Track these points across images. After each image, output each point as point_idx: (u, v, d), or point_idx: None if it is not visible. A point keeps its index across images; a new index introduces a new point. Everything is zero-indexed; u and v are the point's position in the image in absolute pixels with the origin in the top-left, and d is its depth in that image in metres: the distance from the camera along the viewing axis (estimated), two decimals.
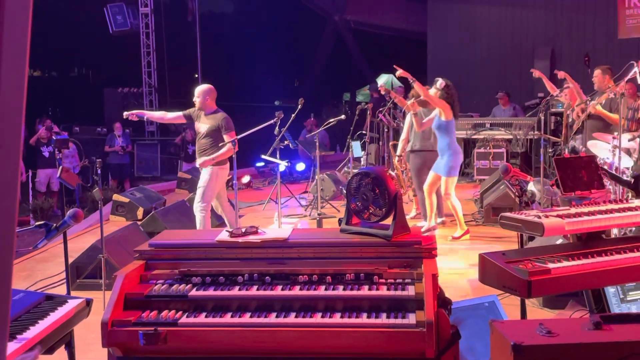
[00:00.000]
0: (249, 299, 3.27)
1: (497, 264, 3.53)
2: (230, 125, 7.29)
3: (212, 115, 7.32)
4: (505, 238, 7.81)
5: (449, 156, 7.81)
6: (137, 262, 3.52)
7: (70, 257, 6.17)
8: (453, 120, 7.85)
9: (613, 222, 4.03)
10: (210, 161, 7.25)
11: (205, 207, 7.31)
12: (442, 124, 7.82)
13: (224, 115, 7.32)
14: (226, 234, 3.65)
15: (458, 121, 13.97)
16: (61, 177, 5.05)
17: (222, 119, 7.28)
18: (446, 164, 7.82)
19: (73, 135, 15.30)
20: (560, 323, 2.31)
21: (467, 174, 14.09)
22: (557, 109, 12.46)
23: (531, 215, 3.84)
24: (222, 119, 7.28)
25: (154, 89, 19.34)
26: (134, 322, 3.14)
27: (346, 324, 3.09)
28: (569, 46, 15.93)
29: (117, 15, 18.92)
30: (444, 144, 7.85)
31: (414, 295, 3.18)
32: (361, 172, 3.68)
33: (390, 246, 3.46)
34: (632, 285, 4.43)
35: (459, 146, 8.01)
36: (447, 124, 7.80)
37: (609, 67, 8.36)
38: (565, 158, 5.34)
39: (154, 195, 11.16)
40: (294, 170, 14.52)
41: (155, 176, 17.36)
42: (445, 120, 7.78)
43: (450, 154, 7.81)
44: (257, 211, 10.76)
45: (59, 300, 3.33)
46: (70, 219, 3.46)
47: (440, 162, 7.90)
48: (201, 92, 7.38)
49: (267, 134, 8.56)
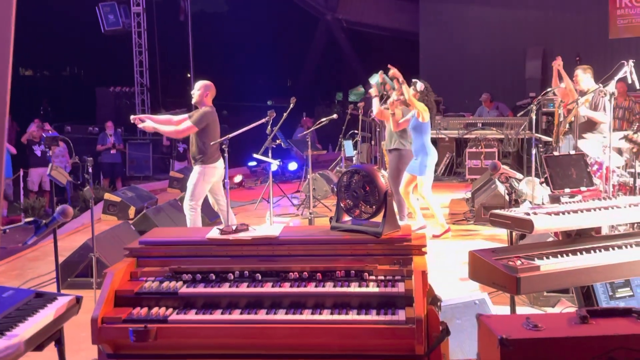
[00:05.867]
0: (239, 296, 3.28)
1: (487, 261, 3.55)
2: (201, 119, 7.12)
3: (199, 110, 7.25)
4: (497, 236, 7.85)
5: (424, 156, 7.92)
6: (128, 260, 3.52)
7: (61, 256, 6.16)
8: (429, 121, 7.97)
9: (601, 219, 4.06)
10: (151, 128, 7.27)
11: (194, 206, 7.27)
12: (418, 125, 7.91)
13: (206, 109, 7.23)
14: (217, 231, 3.66)
15: (450, 120, 14.19)
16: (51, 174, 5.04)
17: (200, 110, 7.21)
18: (421, 164, 7.93)
19: (65, 135, 15.25)
20: (547, 317, 2.32)
21: (458, 173, 14.13)
22: (549, 109, 12.51)
23: (520, 213, 3.87)
24: (200, 110, 7.23)
25: (146, 88, 19.30)
26: (124, 319, 3.14)
27: (336, 320, 3.10)
28: (561, 46, 15.95)
29: (109, 15, 18.88)
30: (419, 144, 7.96)
31: (404, 292, 3.19)
32: (351, 169, 3.68)
33: (380, 243, 3.47)
34: (621, 282, 4.46)
35: (432, 146, 8.10)
36: (423, 125, 7.90)
37: (589, 67, 8.39)
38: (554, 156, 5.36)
39: (145, 194, 11.14)
40: (286, 170, 14.52)
41: (147, 175, 17.33)
42: (422, 121, 7.85)
43: (425, 154, 7.93)
44: (249, 210, 10.75)
45: (49, 298, 3.32)
46: (60, 215, 3.46)
47: (415, 162, 8.02)
48: (202, 85, 7.29)
49: (259, 134, 8.55)
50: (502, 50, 16.93)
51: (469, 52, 17.42)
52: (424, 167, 7.91)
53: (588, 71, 8.29)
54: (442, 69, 17.45)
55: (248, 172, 15.49)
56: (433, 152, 8.03)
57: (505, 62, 16.83)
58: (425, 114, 7.85)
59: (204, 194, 7.34)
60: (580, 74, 8.29)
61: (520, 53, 16.33)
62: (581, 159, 5.50)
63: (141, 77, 19.37)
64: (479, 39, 17.42)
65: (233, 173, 13.76)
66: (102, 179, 15.47)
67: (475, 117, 14.73)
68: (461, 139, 13.93)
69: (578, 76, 8.30)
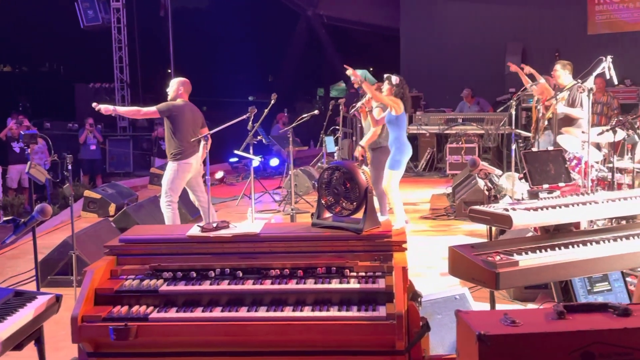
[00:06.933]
0: (220, 293, 3.28)
1: (466, 257, 3.58)
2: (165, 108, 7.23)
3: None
4: (478, 232, 7.89)
5: (395, 149, 7.88)
6: (108, 258, 3.50)
7: (41, 253, 6.13)
8: (403, 114, 7.91)
9: (579, 215, 4.10)
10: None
11: (170, 202, 7.26)
12: (392, 119, 7.89)
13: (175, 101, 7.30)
14: (197, 228, 3.65)
15: (431, 116, 14.25)
16: (29, 172, 5.01)
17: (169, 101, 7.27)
18: (392, 157, 7.89)
19: (44, 131, 15.10)
20: (524, 313, 2.34)
21: (439, 168, 14.20)
22: (528, 104, 12.60)
23: (499, 209, 3.90)
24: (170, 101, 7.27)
25: (126, 84, 19.17)
26: (104, 317, 3.13)
27: (316, 317, 3.11)
28: (540, 42, 16.08)
29: (88, 10, 18.71)
30: (392, 138, 7.94)
31: (384, 288, 3.21)
32: (332, 166, 3.68)
33: (361, 240, 3.48)
34: (599, 277, 4.51)
35: (407, 142, 8.01)
36: (396, 119, 7.87)
37: (569, 63, 8.45)
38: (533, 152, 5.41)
39: (126, 191, 11.08)
40: (268, 166, 14.50)
41: (128, 172, 17.22)
42: (395, 114, 7.84)
43: (397, 148, 7.88)
44: (231, 207, 10.74)
45: (28, 296, 3.30)
46: (38, 214, 3.44)
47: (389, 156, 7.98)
48: (176, 81, 7.39)
49: (240, 130, 8.52)
50: (482, 46, 17.00)
51: (449, 47, 17.47)
52: (393, 160, 7.86)
53: (567, 67, 8.35)
54: (423, 64, 17.49)
55: (229, 169, 15.46)
56: (406, 148, 7.94)
57: (486, 57, 16.89)
58: (397, 107, 7.79)
59: (180, 190, 7.35)
60: (559, 69, 8.34)
61: (500, 49, 16.40)
62: (559, 155, 5.55)
63: (121, 73, 19.24)
64: (459, 34, 17.48)
65: (214, 169, 13.73)
66: (81, 175, 15.35)
67: (456, 112, 14.82)
68: (442, 135, 14.00)
69: (557, 71, 8.36)
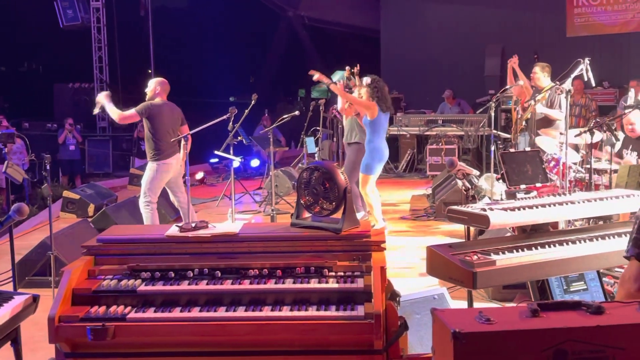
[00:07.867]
0: (198, 293, 3.27)
1: (444, 256, 3.61)
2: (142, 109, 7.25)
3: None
4: (457, 232, 7.94)
5: (368, 153, 7.74)
6: (85, 258, 3.48)
7: (19, 254, 6.09)
8: (379, 118, 7.72)
9: (556, 215, 4.15)
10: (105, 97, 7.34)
11: (148, 203, 7.25)
12: (366, 122, 7.80)
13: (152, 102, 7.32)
14: (176, 228, 3.64)
15: (411, 117, 14.31)
16: (6, 171, 4.97)
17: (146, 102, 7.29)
18: (364, 160, 7.77)
19: (22, 131, 14.98)
20: (499, 311, 2.37)
21: (419, 169, 14.27)
22: (507, 106, 12.70)
23: (477, 209, 3.93)
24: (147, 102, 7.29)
25: (106, 85, 19.05)
26: (81, 317, 3.11)
27: (295, 317, 3.12)
28: (519, 44, 16.19)
29: (67, 10, 18.59)
30: (367, 140, 7.83)
31: (363, 288, 3.22)
32: (311, 166, 3.69)
33: (340, 239, 3.49)
34: (575, 276, 4.56)
35: (382, 147, 7.79)
36: (371, 123, 7.72)
37: (548, 65, 8.52)
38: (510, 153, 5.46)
39: (105, 191, 11.02)
40: (249, 167, 14.48)
41: (107, 172, 17.12)
42: (369, 119, 7.72)
43: (369, 152, 7.73)
44: (211, 207, 10.71)
45: (5, 297, 3.28)
46: (15, 213, 3.42)
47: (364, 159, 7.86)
48: (153, 81, 7.41)
49: (221, 130, 8.51)
50: (462, 48, 17.12)
51: (429, 49, 17.57)
52: (365, 166, 7.72)
53: (546, 69, 8.42)
54: (403, 66, 17.57)
55: (210, 169, 15.41)
56: (378, 154, 7.75)
57: (465, 59, 17.02)
58: (370, 111, 7.65)
59: (159, 191, 7.34)
60: (538, 72, 8.42)
61: (480, 50, 16.53)
62: (536, 156, 5.60)
63: (100, 73, 19.14)
64: (440, 36, 17.59)
65: (194, 170, 13.69)
66: (60, 176, 15.23)
67: (437, 113, 14.90)
68: (422, 136, 14.07)
69: (536, 74, 8.43)
